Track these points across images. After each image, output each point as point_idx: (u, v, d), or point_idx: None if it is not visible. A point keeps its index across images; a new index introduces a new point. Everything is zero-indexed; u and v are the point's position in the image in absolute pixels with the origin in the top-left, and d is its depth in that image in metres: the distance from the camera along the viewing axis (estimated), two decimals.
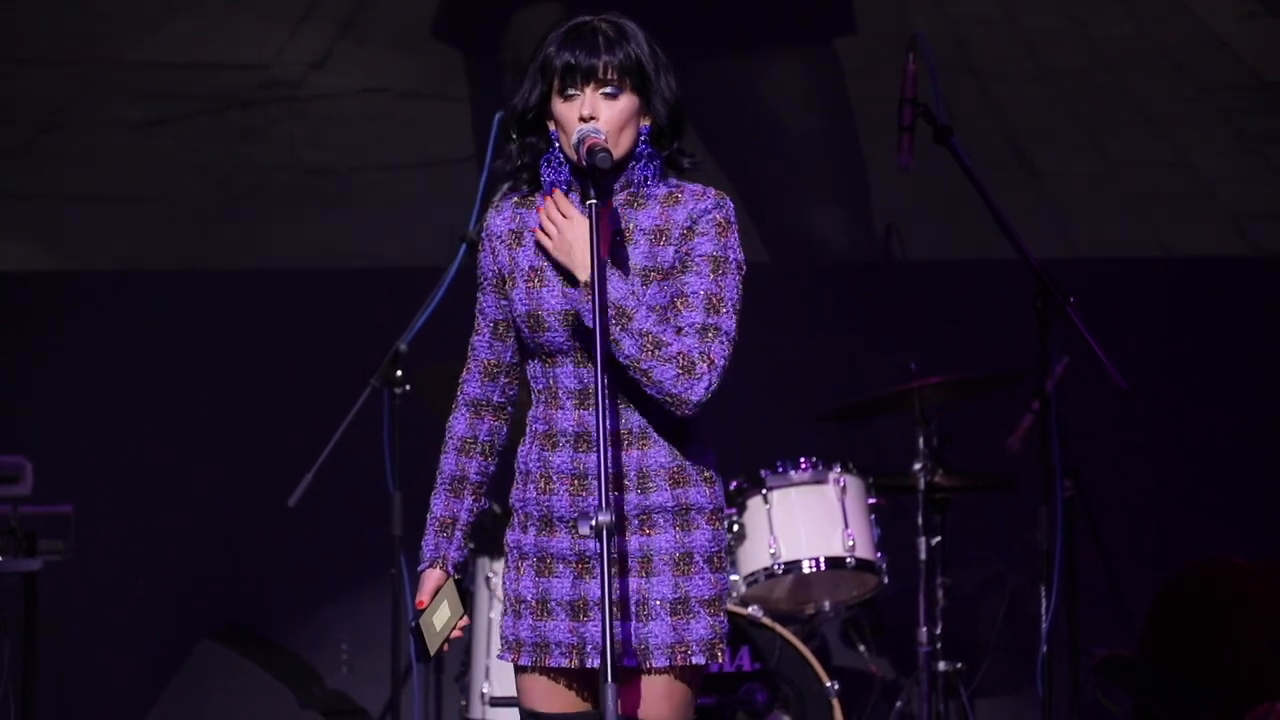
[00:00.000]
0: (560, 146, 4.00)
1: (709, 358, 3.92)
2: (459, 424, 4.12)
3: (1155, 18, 8.00)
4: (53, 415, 7.62)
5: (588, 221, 3.90)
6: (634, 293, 3.93)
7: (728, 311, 3.95)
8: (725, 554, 4.04)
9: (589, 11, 4.04)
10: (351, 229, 7.85)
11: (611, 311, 3.89)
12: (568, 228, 3.94)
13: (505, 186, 4.16)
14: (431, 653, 4.16)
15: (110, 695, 7.50)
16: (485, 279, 4.09)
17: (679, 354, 3.90)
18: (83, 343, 7.71)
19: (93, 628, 7.53)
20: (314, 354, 7.62)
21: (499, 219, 4.08)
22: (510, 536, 4.07)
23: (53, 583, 6.70)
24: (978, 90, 7.91)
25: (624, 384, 3.97)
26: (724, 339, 3.94)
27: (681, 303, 3.95)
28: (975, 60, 7.94)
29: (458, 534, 4.12)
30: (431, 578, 4.13)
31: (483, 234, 4.10)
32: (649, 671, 3.95)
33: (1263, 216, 8.02)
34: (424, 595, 4.12)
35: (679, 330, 3.93)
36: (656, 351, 3.89)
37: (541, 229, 3.99)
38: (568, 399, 4.00)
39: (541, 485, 4.01)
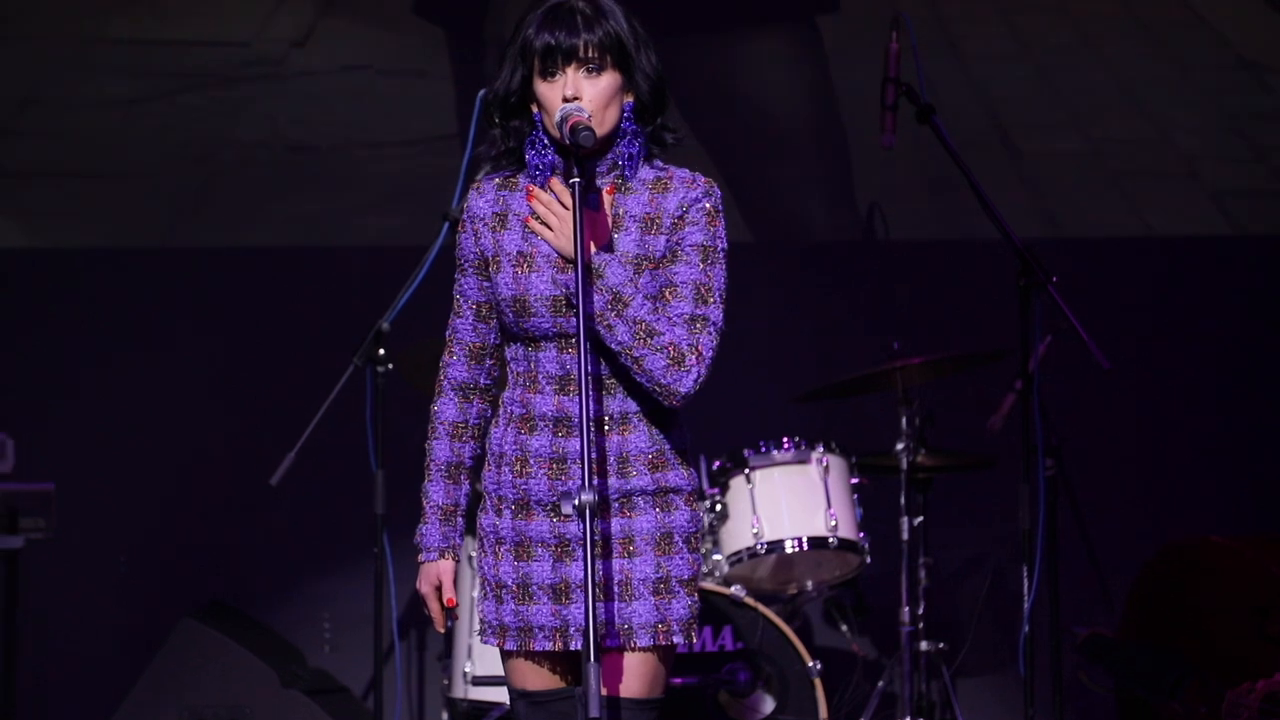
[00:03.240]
0: (544, 128, 3.99)
1: (697, 349, 3.93)
2: (448, 409, 4.11)
3: None
4: (34, 393, 7.60)
5: (588, 210, 3.90)
6: (632, 279, 3.93)
7: (715, 302, 3.96)
8: (702, 535, 4.06)
9: None
10: (333, 207, 7.83)
11: (608, 296, 3.89)
12: (569, 219, 3.93)
13: (486, 166, 4.14)
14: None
15: (91, 673, 7.49)
16: (466, 261, 4.07)
17: (670, 344, 3.90)
18: (64, 320, 7.69)
19: (74, 606, 7.52)
20: (296, 333, 7.60)
21: (481, 201, 4.07)
22: (484, 521, 4.06)
23: (34, 560, 6.70)
24: (960, 69, 7.90)
25: (607, 369, 3.97)
26: (712, 329, 3.95)
27: (670, 292, 3.95)
28: (958, 39, 7.93)
29: (460, 520, 4.12)
30: (447, 569, 4.11)
31: (464, 215, 4.09)
32: (631, 650, 3.96)
33: (1244, 195, 8.02)
34: (452, 593, 4.11)
35: (669, 320, 3.93)
36: (649, 340, 3.89)
37: (536, 217, 3.98)
38: (548, 384, 3.99)
39: (517, 468, 4.00)
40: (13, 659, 6.46)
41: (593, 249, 3.93)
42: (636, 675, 3.97)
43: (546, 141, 3.99)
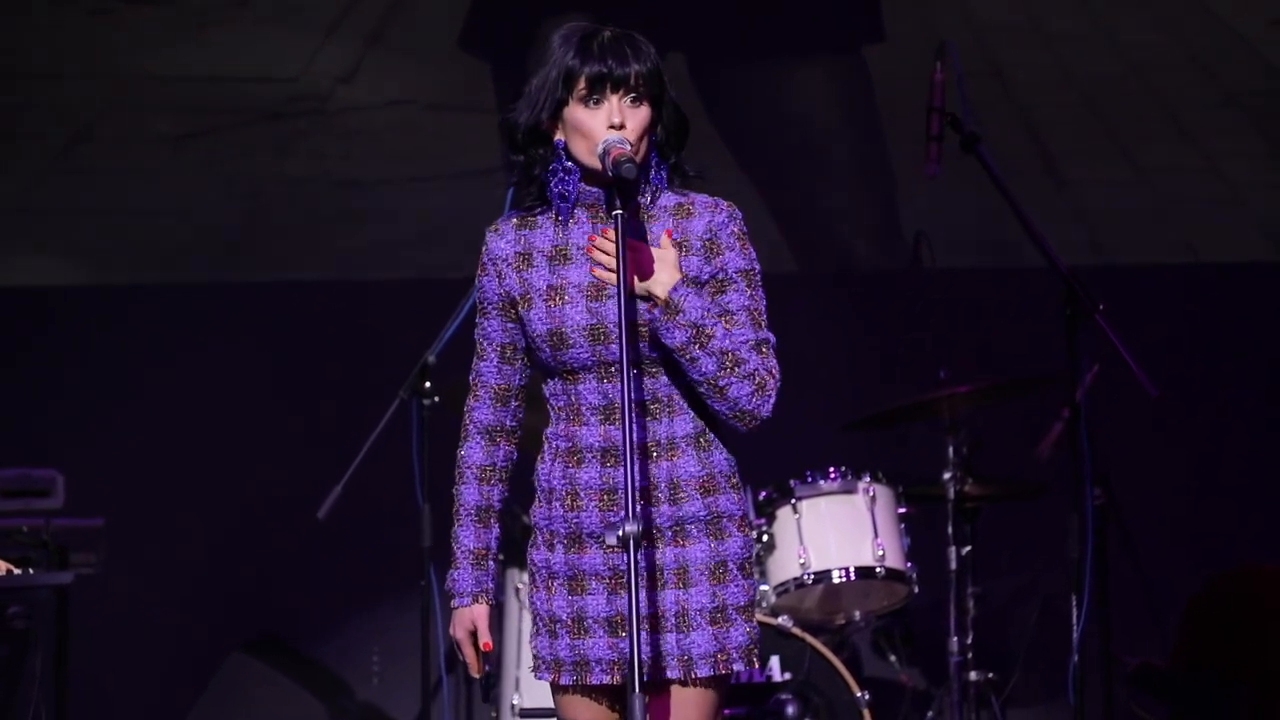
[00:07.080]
0: (568, 155, 3.98)
1: (772, 373, 3.95)
2: (475, 453, 4.10)
3: (1184, 24, 7.98)
4: (84, 429, 7.64)
5: (652, 248, 3.89)
6: (709, 309, 3.92)
7: (766, 323, 3.99)
8: (754, 560, 4.04)
9: (615, 21, 4.03)
10: (379, 241, 7.86)
11: (690, 332, 3.89)
12: (640, 250, 3.92)
13: (530, 196, 4.11)
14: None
15: (142, 708, 7.51)
16: (489, 303, 4.05)
17: (754, 371, 3.91)
18: (113, 356, 7.73)
19: (124, 640, 7.54)
20: (342, 366, 7.63)
21: (501, 242, 4.04)
22: (536, 556, 4.05)
23: (84, 595, 6.71)
24: (1006, 98, 7.89)
25: (650, 395, 3.97)
26: (773, 351, 3.97)
27: (728, 320, 3.95)
28: (1003, 68, 7.93)
29: (491, 564, 4.11)
30: (481, 614, 4.08)
31: (484, 259, 4.07)
32: (692, 683, 3.94)
33: None
34: (488, 638, 4.09)
35: (745, 346, 3.93)
36: (736, 369, 3.91)
37: (598, 252, 3.95)
38: (592, 415, 3.98)
39: (568, 502, 4.00)
40: (63, 694, 6.47)
41: (662, 280, 3.91)
42: (694, 707, 3.95)
43: (570, 168, 3.98)
